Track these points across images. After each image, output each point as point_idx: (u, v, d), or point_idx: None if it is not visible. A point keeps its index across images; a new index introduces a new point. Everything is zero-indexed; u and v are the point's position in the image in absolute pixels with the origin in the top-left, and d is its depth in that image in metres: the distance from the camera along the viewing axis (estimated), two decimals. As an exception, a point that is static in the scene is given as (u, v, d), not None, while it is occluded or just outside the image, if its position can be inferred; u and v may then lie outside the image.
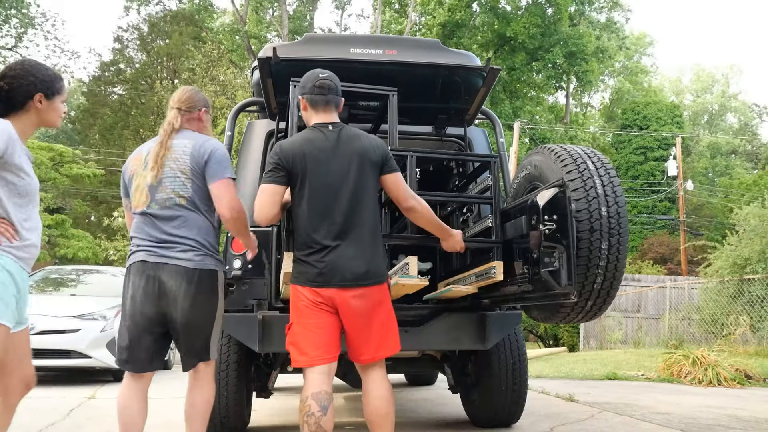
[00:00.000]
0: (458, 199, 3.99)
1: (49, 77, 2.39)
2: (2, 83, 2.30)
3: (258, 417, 4.55)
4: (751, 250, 11.60)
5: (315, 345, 2.59)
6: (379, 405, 2.65)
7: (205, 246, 2.73)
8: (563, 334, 18.49)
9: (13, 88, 2.31)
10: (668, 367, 8.41)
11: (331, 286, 2.59)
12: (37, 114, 2.36)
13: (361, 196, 2.66)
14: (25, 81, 2.32)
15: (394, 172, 2.77)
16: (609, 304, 2.92)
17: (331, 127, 2.73)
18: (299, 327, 2.63)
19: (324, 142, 2.68)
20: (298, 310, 2.64)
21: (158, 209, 2.70)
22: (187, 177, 2.71)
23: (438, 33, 26.78)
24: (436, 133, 4.21)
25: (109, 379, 7.41)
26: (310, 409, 2.49)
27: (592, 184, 2.83)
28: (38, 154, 14.19)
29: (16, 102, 2.31)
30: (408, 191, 2.80)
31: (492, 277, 3.10)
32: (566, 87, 32.84)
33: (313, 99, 2.75)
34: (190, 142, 2.76)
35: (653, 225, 27.66)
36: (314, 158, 2.65)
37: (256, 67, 3.90)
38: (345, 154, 2.67)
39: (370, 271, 2.62)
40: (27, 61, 2.43)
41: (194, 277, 2.66)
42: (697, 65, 51.24)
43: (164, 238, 2.68)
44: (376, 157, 2.72)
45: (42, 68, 2.41)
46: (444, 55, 4.00)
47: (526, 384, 4.13)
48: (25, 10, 26.58)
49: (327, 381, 2.59)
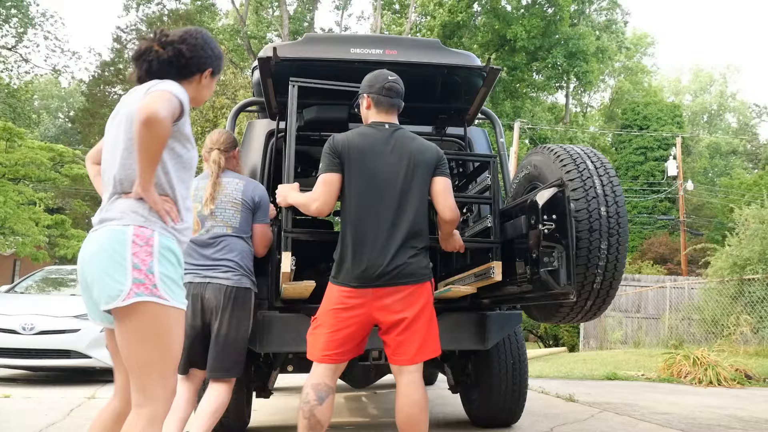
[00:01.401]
0: (458, 200, 3.99)
1: (220, 54, 2.25)
2: (183, 48, 2.10)
3: (258, 417, 4.55)
4: (750, 251, 11.60)
5: (332, 345, 2.60)
6: (414, 412, 2.57)
7: (242, 267, 3.19)
8: (563, 334, 18.50)
9: (193, 56, 2.12)
10: (668, 367, 8.42)
11: (371, 285, 2.57)
12: (197, 88, 2.18)
13: (409, 195, 2.66)
14: (204, 53, 2.16)
15: (445, 177, 2.78)
16: (608, 303, 2.92)
17: (388, 125, 2.76)
18: (324, 324, 2.64)
19: (378, 139, 2.71)
20: (330, 308, 2.64)
21: (207, 236, 3.17)
22: (237, 210, 3.23)
23: (438, 34, 26.79)
24: (436, 133, 4.21)
25: (109, 379, 7.41)
26: (307, 397, 2.53)
27: (591, 184, 2.83)
28: (38, 154, 14.18)
29: (189, 71, 2.13)
30: (453, 202, 2.79)
31: (491, 277, 3.09)
32: (566, 87, 32.84)
33: (379, 99, 2.78)
34: (241, 182, 3.30)
35: (653, 225, 27.66)
36: (366, 152, 2.66)
37: (256, 67, 3.90)
38: (398, 152, 2.69)
39: (410, 270, 2.59)
40: (204, 32, 2.23)
41: (232, 293, 3.12)
42: (696, 65, 51.29)
43: (208, 263, 3.14)
44: (430, 159, 2.74)
45: (215, 43, 2.25)
46: (444, 55, 3.99)
47: (526, 384, 4.13)
48: (25, 10, 26.57)
49: (330, 376, 2.60)
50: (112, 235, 1.91)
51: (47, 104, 41.81)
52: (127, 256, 1.88)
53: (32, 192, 15.74)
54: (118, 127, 2.04)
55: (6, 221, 13.33)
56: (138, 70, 2.10)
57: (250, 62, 25.88)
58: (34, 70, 28.63)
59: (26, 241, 14.22)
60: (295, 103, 3.19)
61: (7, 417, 4.59)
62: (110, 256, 1.88)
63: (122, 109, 2.05)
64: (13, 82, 26.59)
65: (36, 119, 28.76)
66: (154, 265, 1.90)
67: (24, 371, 7.78)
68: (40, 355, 6.84)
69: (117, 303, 1.86)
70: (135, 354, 1.89)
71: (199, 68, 2.15)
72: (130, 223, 1.92)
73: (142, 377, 1.89)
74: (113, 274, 1.86)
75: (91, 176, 2.31)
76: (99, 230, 1.95)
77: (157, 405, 1.90)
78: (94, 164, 2.27)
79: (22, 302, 7.52)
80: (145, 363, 1.89)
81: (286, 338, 3.43)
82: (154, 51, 2.08)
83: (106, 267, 1.87)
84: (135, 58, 2.11)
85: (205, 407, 3.03)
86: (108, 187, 2.01)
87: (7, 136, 14.16)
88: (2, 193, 13.44)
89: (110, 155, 2.04)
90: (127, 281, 1.86)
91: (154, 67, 2.07)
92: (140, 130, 1.82)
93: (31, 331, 6.81)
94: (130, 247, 1.89)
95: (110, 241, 1.90)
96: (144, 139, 1.83)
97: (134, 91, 2.08)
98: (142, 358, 1.89)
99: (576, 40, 27.87)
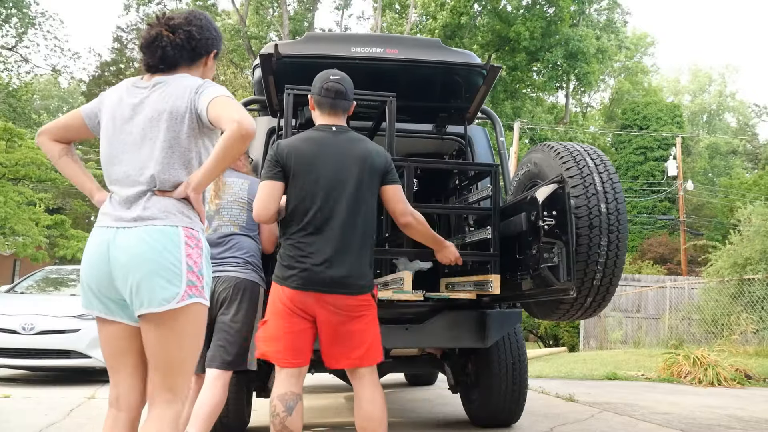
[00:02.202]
0: (457, 210, 4.00)
1: (221, 35, 2.19)
2: (193, 29, 2.03)
3: (258, 417, 4.55)
4: (752, 250, 11.59)
5: (286, 348, 2.57)
6: (372, 409, 2.58)
7: (251, 263, 3.24)
8: (563, 334, 18.48)
9: (201, 38, 2.06)
10: (668, 367, 8.41)
11: (311, 290, 2.53)
12: (203, 71, 2.12)
13: (358, 201, 2.60)
14: (210, 34, 2.10)
15: (395, 184, 2.72)
16: (608, 300, 2.92)
17: (335, 128, 2.69)
18: (274, 326, 2.60)
19: (324, 143, 2.64)
20: (276, 309, 2.60)
21: (215, 236, 3.21)
22: (243, 209, 3.28)
23: (439, 34, 26.77)
24: (436, 132, 4.21)
25: (109, 379, 7.40)
26: (275, 410, 2.52)
27: (591, 181, 2.83)
28: (38, 154, 14.17)
29: (198, 53, 2.07)
30: (406, 206, 2.74)
31: (489, 291, 3.10)
32: (566, 87, 32.83)
33: (319, 101, 2.71)
34: (246, 182, 3.35)
35: (653, 225, 27.65)
36: (310, 157, 2.60)
37: (257, 66, 3.90)
38: (346, 157, 2.62)
39: (352, 279, 2.55)
40: (206, 14, 2.17)
41: (241, 285, 3.15)
42: (694, 65, 51.31)
43: (217, 261, 3.14)
44: (379, 165, 2.66)
45: (216, 23, 2.19)
46: (445, 54, 4.00)
47: (526, 384, 4.13)
48: (26, 10, 26.56)
49: (295, 383, 2.58)
50: (163, 235, 1.85)
51: (47, 104, 41.80)
52: (182, 257, 1.85)
53: (32, 192, 15.73)
54: (151, 123, 1.94)
55: (6, 221, 13.32)
56: (151, 57, 2.02)
57: (250, 62, 25.89)
58: (34, 70, 28.61)
59: (26, 242, 14.21)
60: (290, 110, 3.20)
61: (7, 417, 4.59)
62: (163, 257, 1.83)
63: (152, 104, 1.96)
64: (14, 82, 26.58)
65: (37, 119, 28.74)
66: (204, 267, 1.91)
67: (24, 371, 7.77)
68: (40, 355, 6.83)
69: (171, 305, 1.82)
70: (171, 353, 1.86)
71: (207, 50, 2.10)
72: (179, 224, 1.88)
73: (173, 376, 1.88)
74: (167, 276, 1.83)
75: (54, 155, 2.09)
76: (139, 228, 1.86)
77: (183, 402, 1.92)
78: (56, 141, 2.09)
79: (22, 302, 7.51)
80: (180, 362, 1.88)
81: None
82: (166, 36, 2.00)
83: (158, 269, 1.82)
84: (146, 45, 2.02)
85: (202, 407, 2.99)
86: (127, 182, 1.94)
87: (7, 137, 14.15)
88: (2, 193, 13.43)
89: (135, 150, 1.95)
90: (183, 283, 1.84)
91: (168, 53, 2.00)
92: (235, 143, 1.81)
93: (31, 331, 6.81)
94: (183, 248, 1.86)
95: (162, 241, 1.85)
96: (233, 150, 1.83)
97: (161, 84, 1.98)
98: (178, 357, 1.88)
99: (576, 41, 27.87)
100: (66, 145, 2.10)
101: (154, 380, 1.89)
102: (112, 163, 1.99)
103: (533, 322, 18.56)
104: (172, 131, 1.92)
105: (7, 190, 13.70)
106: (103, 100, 2.07)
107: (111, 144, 1.99)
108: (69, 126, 2.09)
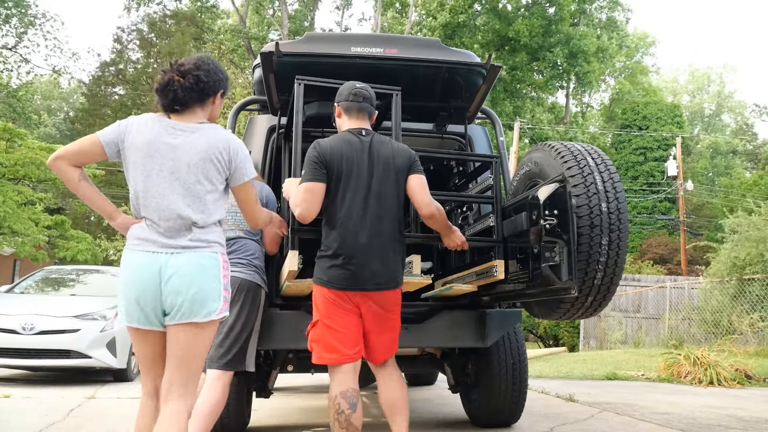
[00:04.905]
0: (460, 199, 3.99)
1: (227, 77, 2.50)
2: (201, 74, 2.33)
3: (258, 417, 4.55)
4: (747, 254, 11.60)
5: (342, 343, 2.68)
6: (400, 387, 2.82)
7: (255, 266, 3.30)
8: (563, 334, 18.46)
9: (209, 81, 2.36)
10: (668, 367, 8.41)
11: (357, 289, 2.69)
12: (211, 109, 2.43)
13: (385, 201, 2.74)
14: (217, 76, 2.40)
15: (419, 174, 2.85)
16: (609, 300, 2.92)
17: (364, 132, 2.84)
18: (324, 326, 2.71)
19: (359, 147, 2.78)
20: (324, 309, 2.72)
21: None
22: None
23: (439, 34, 26.77)
24: (436, 131, 4.21)
25: (109, 379, 7.40)
26: (340, 407, 2.59)
27: (592, 180, 2.83)
28: (38, 155, 14.14)
29: (207, 94, 2.37)
30: (429, 196, 2.85)
31: (494, 275, 3.10)
32: (566, 87, 32.82)
33: (347, 106, 2.88)
34: None
35: (653, 225, 27.65)
36: (351, 160, 2.74)
37: (257, 65, 3.90)
38: (375, 159, 2.77)
39: (389, 276, 2.74)
40: (212, 59, 2.49)
41: (244, 287, 3.20)
42: (692, 65, 51.35)
43: None
44: (402, 161, 2.81)
45: (222, 66, 2.52)
46: (444, 54, 4.00)
47: (526, 384, 4.12)
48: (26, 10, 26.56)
49: (353, 378, 2.67)
50: (212, 261, 2.27)
51: (48, 104, 41.81)
52: (222, 279, 2.29)
53: (32, 192, 15.71)
54: (188, 167, 2.25)
55: (6, 221, 13.31)
56: (164, 99, 2.31)
57: (250, 62, 25.89)
58: (34, 70, 28.62)
59: (26, 241, 14.19)
60: (301, 100, 3.20)
61: (7, 417, 4.59)
62: (213, 277, 2.25)
63: (192, 148, 2.26)
64: (14, 82, 26.57)
65: (37, 120, 28.74)
66: (228, 287, 2.34)
67: (24, 371, 7.77)
68: (40, 355, 6.83)
69: (213, 317, 2.23)
70: (195, 355, 2.23)
71: (214, 90, 2.40)
72: (218, 252, 2.31)
73: (189, 374, 2.24)
74: (213, 293, 2.23)
75: (74, 181, 2.27)
76: (189, 254, 2.23)
77: (194, 397, 2.30)
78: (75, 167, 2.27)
79: (22, 302, 7.51)
80: (199, 361, 2.27)
81: (286, 335, 3.45)
82: (176, 81, 2.30)
83: (207, 287, 2.22)
84: (160, 90, 2.32)
85: (202, 407, 2.99)
86: (171, 216, 2.23)
87: (7, 137, 14.13)
88: (1, 193, 13.41)
89: (175, 189, 2.25)
90: (221, 300, 2.26)
91: (179, 96, 2.30)
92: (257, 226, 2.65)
93: (31, 331, 6.80)
94: (221, 271, 2.29)
95: (211, 266, 2.26)
96: None
97: (198, 131, 2.29)
98: (198, 358, 2.26)
99: (577, 40, 27.86)
100: (81, 170, 2.30)
101: (173, 376, 2.22)
102: (151, 196, 2.25)
103: (533, 322, 18.56)
104: (204, 173, 2.28)
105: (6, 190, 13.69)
106: (126, 130, 2.28)
107: (149, 178, 2.25)
108: (86, 152, 2.29)
